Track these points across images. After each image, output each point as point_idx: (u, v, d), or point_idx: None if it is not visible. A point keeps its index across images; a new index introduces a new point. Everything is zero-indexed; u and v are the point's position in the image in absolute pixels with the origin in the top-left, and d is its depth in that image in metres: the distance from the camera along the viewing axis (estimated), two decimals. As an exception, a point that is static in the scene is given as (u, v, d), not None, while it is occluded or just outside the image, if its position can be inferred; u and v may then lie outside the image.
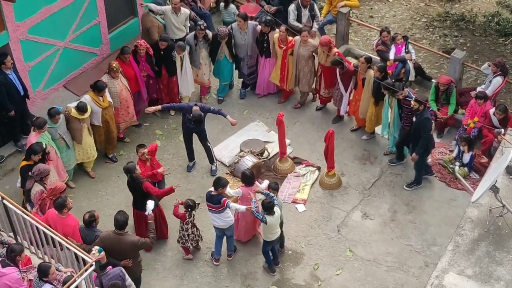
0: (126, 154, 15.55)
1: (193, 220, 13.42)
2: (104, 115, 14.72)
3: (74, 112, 14.14)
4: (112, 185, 14.89)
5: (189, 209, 13.25)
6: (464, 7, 20.37)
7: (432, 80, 16.94)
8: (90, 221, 12.14)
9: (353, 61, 16.49)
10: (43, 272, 10.85)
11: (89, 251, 11.69)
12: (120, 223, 11.87)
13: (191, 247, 13.67)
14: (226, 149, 15.64)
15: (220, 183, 12.93)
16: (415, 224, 14.37)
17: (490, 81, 15.38)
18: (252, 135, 15.93)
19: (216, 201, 12.98)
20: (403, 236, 14.15)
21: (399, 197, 14.85)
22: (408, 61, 16.11)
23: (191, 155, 15.35)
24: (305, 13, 16.84)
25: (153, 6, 16.25)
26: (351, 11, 17.92)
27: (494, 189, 12.46)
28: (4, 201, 11.64)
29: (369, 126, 15.79)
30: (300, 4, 16.81)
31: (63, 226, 11.97)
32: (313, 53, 15.99)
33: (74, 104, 14.29)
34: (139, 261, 12.42)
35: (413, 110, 14.33)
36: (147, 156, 13.75)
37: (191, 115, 14.48)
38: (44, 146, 13.42)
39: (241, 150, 15.27)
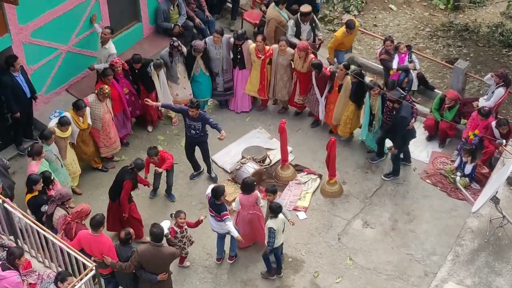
0: (128, 159, 15.50)
1: (186, 233, 13.39)
2: (80, 135, 14.61)
3: (58, 132, 13.98)
4: (113, 190, 14.90)
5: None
6: (468, 17, 20.44)
7: (435, 90, 17.00)
8: (127, 239, 12.03)
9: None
10: (62, 278, 10.85)
11: (126, 268, 11.79)
12: (158, 236, 11.83)
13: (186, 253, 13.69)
14: (228, 156, 15.66)
15: (219, 193, 12.96)
16: (415, 233, 14.39)
17: (493, 92, 15.40)
18: (254, 142, 15.96)
19: (218, 211, 13.04)
20: (403, 245, 14.17)
21: (400, 206, 14.88)
22: (411, 71, 16.19)
23: (195, 166, 15.31)
24: (305, 28, 16.69)
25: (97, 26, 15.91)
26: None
27: (495, 200, 12.56)
28: (5, 205, 11.64)
29: (343, 130, 15.88)
30: (299, 20, 16.62)
31: (99, 245, 11.85)
32: (291, 61, 16.09)
33: (54, 123, 14.11)
34: (170, 274, 12.38)
35: (390, 108, 14.69)
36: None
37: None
38: (51, 175, 13.27)
39: (243, 157, 15.31)
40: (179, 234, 13.23)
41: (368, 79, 15.81)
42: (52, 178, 13.27)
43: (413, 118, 14.69)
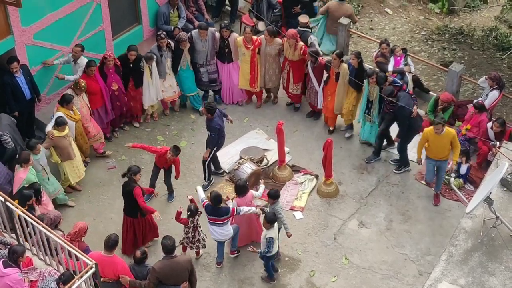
0: (128, 159, 15.70)
1: (196, 224, 13.53)
2: (77, 128, 14.73)
3: (56, 133, 14.05)
4: (114, 189, 14.94)
5: (190, 213, 13.40)
6: (463, 21, 20.54)
7: (430, 93, 17.11)
8: (142, 258, 11.98)
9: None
10: (65, 280, 10.91)
11: (145, 286, 11.74)
12: (169, 248, 11.79)
13: (193, 249, 13.80)
14: (226, 156, 15.73)
15: (219, 200, 13.03)
16: (410, 233, 14.50)
17: (487, 95, 15.54)
18: (252, 143, 16.07)
19: (223, 213, 13.08)
20: (398, 245, 14.29)
21: (395, 206, 14.99)
22: (406, 73, 16.24)
23: (215, 166, 15.36)
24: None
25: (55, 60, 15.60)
26: (351, 23, 18.09)
27: (488, 200, 12.55)
28: (7, 203, 11.71)
29: (347, 119, 16.11)
30: (308, 30, 16.86)
31: (112, 266, 11.76)
32: (279, 51, 16.25)
33: (51, 126, 14.17)
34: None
35: (386, 95, 14.81)
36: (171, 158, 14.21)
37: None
38: (40, 186, 13.26)
39: (241, 157, 15.39)
40: (190, 234, 13.50)
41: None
42: (41, 190, 13.31)
43: (415, 105, 14.82)
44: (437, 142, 14.25)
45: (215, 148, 14.94)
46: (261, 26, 17.55)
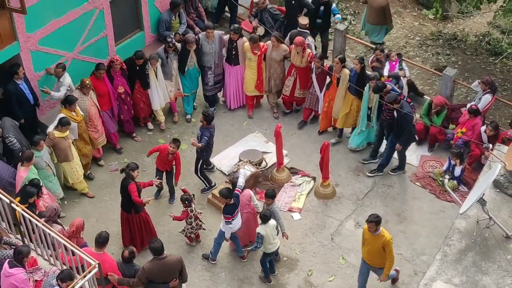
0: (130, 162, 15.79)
1: (195, 212, 13.84)
2: (79, 128, 14.87)
3: (58, 133, 14.17)
4: (116, 191, 14.84)
5: (187, 203, 13.69)
6: (457, 27, 20.61)
7: (425, 97, 17.25)
8: (131, 258, 12.15)
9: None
10: (68, 277, 11.04)
11: (134, 284, 11.93)
12: (159, 249, 11.88)
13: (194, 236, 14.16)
14: (226, 159, 15.91)
15: (230, 194, 13.25)
16: (405, 234, 14.63)
17: (480, 99, 15.67)
18: (251, 146, 16.19)
19: (238, 203, 13.33)
20: (394, 245, 13.90)
21: (391, 207, 15.10)
22: (401, 78, 16.32)
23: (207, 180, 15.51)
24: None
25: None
26: (347, 28, 18.28)
27: (482, 201, 12.60)
28: (12, 205, 11.90)
29: (341, 122, 16.16)
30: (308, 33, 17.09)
31: (101, 263, 11.55)
32: (284, 57, 16.44)
33: (52, 127, 14.29)
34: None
35: (389, 102, 14.85)
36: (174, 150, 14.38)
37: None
38: (40, 182, 13.35)
39: (240, 160, 15.48)
40: (193, 223, 13.79)
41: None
42: (41, 185, 13.40)
43: (414, 113, 15.03)
44: (370, 242, 12.62)
45: (201, 161, 15.09)
46: (260, 31, 17.75)
